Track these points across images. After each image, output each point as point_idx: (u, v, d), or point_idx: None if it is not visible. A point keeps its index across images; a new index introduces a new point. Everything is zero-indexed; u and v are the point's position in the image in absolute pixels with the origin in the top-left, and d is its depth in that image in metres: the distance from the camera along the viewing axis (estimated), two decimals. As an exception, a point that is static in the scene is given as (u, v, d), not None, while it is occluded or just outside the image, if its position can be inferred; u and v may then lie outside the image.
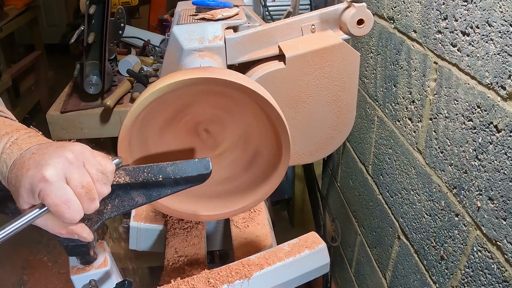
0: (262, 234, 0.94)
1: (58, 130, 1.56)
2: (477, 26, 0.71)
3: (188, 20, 0.87)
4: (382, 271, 1.21)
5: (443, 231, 0.86)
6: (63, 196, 0.51)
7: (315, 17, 0.81)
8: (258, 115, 0.69)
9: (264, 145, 0.73)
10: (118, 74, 1.76)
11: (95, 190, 0.53)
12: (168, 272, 0.87)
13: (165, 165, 0.59)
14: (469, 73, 0.74)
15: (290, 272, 0.75)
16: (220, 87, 0.64)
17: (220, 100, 0.69)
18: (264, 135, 0.71)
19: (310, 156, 0.88)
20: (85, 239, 0.57)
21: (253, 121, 0.71)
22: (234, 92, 0.65)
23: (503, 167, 0.66)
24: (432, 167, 0.89)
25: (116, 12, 1.60)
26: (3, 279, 2.09)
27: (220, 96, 0.68)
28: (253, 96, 0.64)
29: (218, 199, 0.77)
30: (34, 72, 3.39)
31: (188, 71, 0.63)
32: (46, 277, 2.11)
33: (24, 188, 0.51)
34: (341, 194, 1.62)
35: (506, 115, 0.65)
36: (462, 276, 0.80)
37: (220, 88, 0.64)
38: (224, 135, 0.74)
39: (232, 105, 0.70)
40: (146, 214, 1.00)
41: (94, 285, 0.65)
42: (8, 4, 3.05)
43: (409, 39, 0.96)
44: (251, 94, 0.63)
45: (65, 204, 0.51)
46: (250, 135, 0.74)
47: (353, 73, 0.81)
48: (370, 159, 1.28)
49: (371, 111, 1.25)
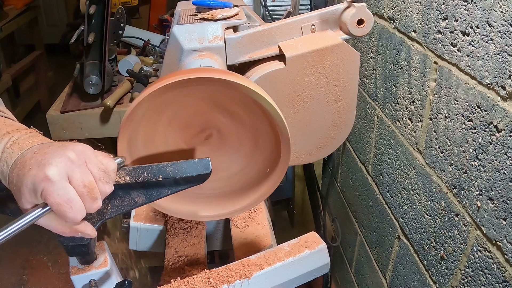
0: (262, 234, 0.94)
1: (58, 130, 1.56)
2: (477, 26, 0.71)
3: (188, 20, 0.87)
4: (382, 271, 1.21)
5: (443, 231, 0.86)
6: (65, 196, 0.51)
7: (315, 17, 0.81)
8: (258, 115, 0.69)
9: (264, 145, 0.73)
10: (118, 74, 1.76)
11: (97, 189, 0.54)
12: (168, 272, 0.87)
13: (165, 165, 0.59)
14: (469, 73, 0.74)
15: (290, 272, 0.75)
16: (220, 88, 0.64)
17: (219, 101, 0.69)
18: (264, 135, 0.71)
19: (310, 156, 0.88)
20: (89, 236, 0.57)
21: (252, 121, 0.71)
22: (233, 92, 0.65)
23: (503, 167, 0.66)
24: (432, 167, 0.89)
25: (116, 12, 1.60)
26: (3, 279, 2.09)
27: (219, 96, 0.68)
28: (253, 96, 0.64)
29: (218, 199, 0.77)
30: (34, 72, 3.39)
31: (187, 71, 0.63)
32: (46, 277, 2.11)
33: (26, 188, 0.51)
34: (341, 194, 1.62)
35: (506, 115, 0.65)
36: (462, 276, 0.80)
37: (220, 89, 0.64)
38: (224, 135, 0.74)
39: (232, 106, 0.70)
40: (146, 214, 1.00)
41: (94, 285, 0.65)
42: (8, 4, 3.05)
43: (409, 39, 0.96)
44: (251, 94, 0.63)
45: (68, 204, 0.51)
46: (250, 135, 0.74)
47: (353, 73, 0.81)
48: (370, 159, 1.28)
49: (371, 111, 1.25)
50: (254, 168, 0.76)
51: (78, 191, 0.52)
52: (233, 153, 0.76)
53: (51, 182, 0.50)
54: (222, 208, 0.76)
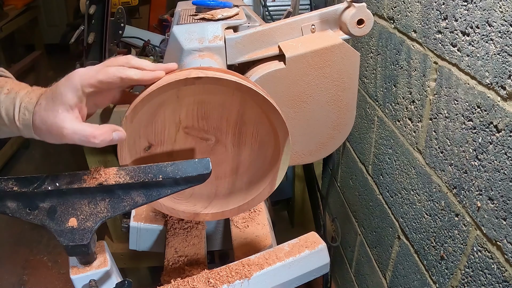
0: (262, 234, 0.94)
1: (58, 130, 1.56)
2: (477, 26, 0.71)
3: (188, 20, 0.87)
4: (382, 271, 1.21)
5: (443, 231, 0.86)
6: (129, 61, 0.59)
7: (315, 17, 0.81)
8: (258, 115, 0.69)
9: (253, 167, 0.73)
10: (118, 74, 1.75)
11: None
12: (168, 272, 0.87)
13: (165, 165, 0.59)
14: (469, 73, 0.74)
15: (290, 272, 0.75)
16: (220, 87, 0.64)
17: (219, 101, 0.69)
18: (264, 135, 0.71)
19: (310, 156, 0.88)
20: (121, 137, 0.59)
21: (253, 121, 0.71)
22: (233, 92, 0.65)
23: (503, 167, 0.66)
24: (432, 167, 0.89)
25: (116, 12, 1.60)
26: (3, 279, 2.09)
27: (219, 96, 0.68)
28: (253, 96, 0.64)
29: (218, 199, 0.77)
30: (34, 72, 3.39)
31: (187, 71, 0.63)
32: (46, 277, 2.11)
33: (75, 90, 0.55)
34: (341, 194, 1.62)
35: (506, 115, 0.65)
36: (462, 276, 0.80)
37: (220, 89, 0.64)
38: (221, 143, 0.74)
39: (244, 120, 0.70)
40: (146, 214, 1.00)
41: (94, 285, 0.65)
42: (8, 4, 3.05)
43: (409, 39, 0.96)
44: (251, 94, 0.63)
45: (138, 63, 0.59)
46: (245, 153, 0.74)
47: (353, 73, 0.81)
48: (370, 159, 1.28)
49: (371, 111, 1.25)
50: (254, 168, 0.76)
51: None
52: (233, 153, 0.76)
53: (103, 66, 0.56)
54: (222, 208, 0.76)
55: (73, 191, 0.59)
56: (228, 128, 0.73)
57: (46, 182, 0.58)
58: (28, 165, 2.95)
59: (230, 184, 0.77)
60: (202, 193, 0.76)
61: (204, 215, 0.76)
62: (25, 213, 0.58)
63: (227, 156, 0.76)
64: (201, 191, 0.75)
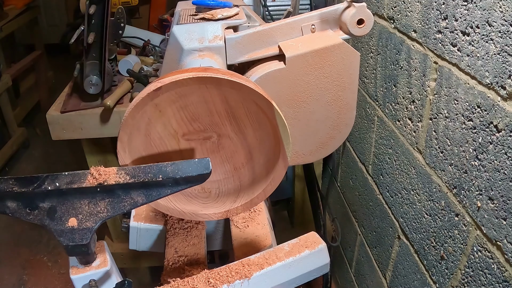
0: (262, 234, 0.94)
1: (58, 130, 1.56)
2: (477, 26, 0.70)
3: (188, 20, 0.87)
4: (382, 271, 1.21)
5: (443, 231, 0.86)
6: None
7: (315, 17, 0.81)
8: (258, 115, 0.69)
9: (264, 145, 0.73)
10: (118, 74, 1.76)
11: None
12: (168, 272, 0.87)
13: (165, 165, 0.59)
14: (469, 73, 0.74)
15: (290, 272, 0.75)
16: (220, 87, 0.64)
17: (198, 98, 0.69)
18: (264, 135, 0.71)
19: (310, 156, 0.88)
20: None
21: (238, 102, 0.71)
22: (233, 92, 0.65)
23: (503, 167, 0.66)
24: (432, 167, 0.89)
25: (116, 12, 1.60)
26: (3, 279, 2.09)
27: (196, 94, 0.68)
28: (253, 96, 0.64)
29: (244, 189, 0.77)
30: (34, 72, 3.39)
31: (187, 70, 0.63)
32: (46, 277, 2.11)
33: None
34: (341, 194, 1.62)
35: (506, 115, 0.65)
36: (462, 276, 0.80)
37: (220, 88, 0.64)
38: (224, 135, 0.74)
39: (232, 105, 0.70)
40: (146, 214, 1.00)
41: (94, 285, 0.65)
42: (8, 4, 3.05)
43: (409, 39, 0.96)
44: (251, 94, 0.63)
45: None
46: (249, 135, 0.73)
47: (353, 73, 0.81)
48: (370, 159, 1.28)
49: (371, 111, 1.25)
50: (254, 168, 0.76)
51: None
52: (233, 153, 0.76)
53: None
54: (222, 207, 0.76)
55: (73, 191, 0.59)
56: (222, 119, 0.72)
57: (46, 182, 0.58)
58: (28, 165, 2.96)
59: (251, 172, 0.77)
60: (228, 190, 0.76)
61: (235, 209, 0.76)
62: (25, 213, 0.58)
63: (235, 144, 0.75)
64: (227, 188, 0.75)
